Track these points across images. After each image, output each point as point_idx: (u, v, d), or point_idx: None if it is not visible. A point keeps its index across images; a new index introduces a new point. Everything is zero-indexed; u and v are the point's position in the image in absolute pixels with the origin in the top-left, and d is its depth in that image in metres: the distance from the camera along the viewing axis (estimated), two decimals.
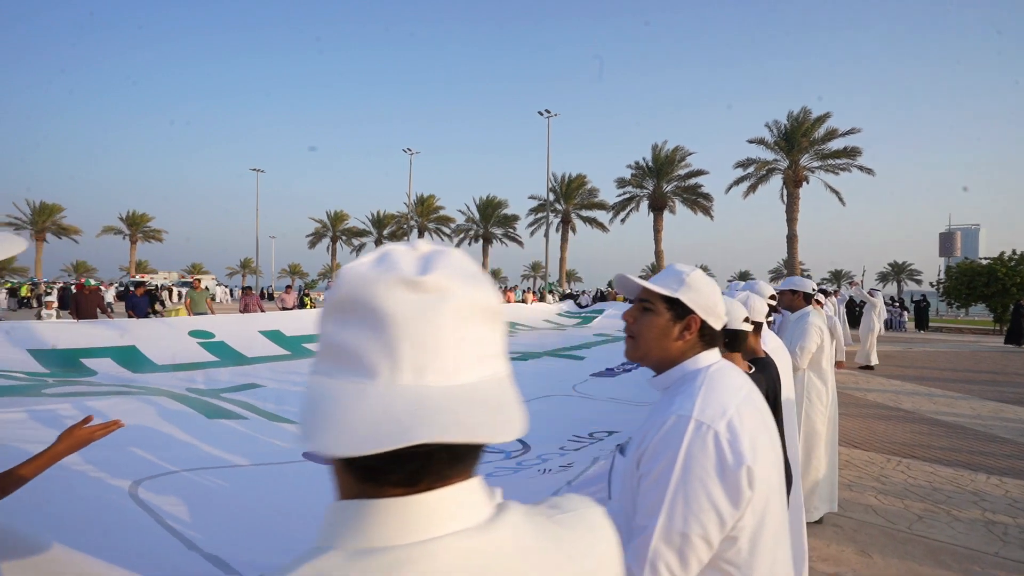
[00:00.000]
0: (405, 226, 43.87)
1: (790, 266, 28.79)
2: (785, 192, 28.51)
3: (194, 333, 8.64)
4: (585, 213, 38.23)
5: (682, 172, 33.01)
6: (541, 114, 31.01)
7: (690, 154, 32.93)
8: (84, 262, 63.48)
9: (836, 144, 27.11)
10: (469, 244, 43.70)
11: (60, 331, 7.47)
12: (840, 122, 32.42)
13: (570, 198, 37.66)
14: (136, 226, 48.29)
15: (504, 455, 3.82)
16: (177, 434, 3.53)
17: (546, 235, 32.62)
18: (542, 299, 21.65)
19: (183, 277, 42.17)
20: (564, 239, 38.02)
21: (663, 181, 33.15)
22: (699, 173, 32.67)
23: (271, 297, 30.74)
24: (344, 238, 52.35)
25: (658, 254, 33.77)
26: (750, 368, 2.03)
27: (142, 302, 8.85)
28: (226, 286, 45.50)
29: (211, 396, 5.28)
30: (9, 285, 27.32)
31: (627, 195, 34.82)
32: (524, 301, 19.10)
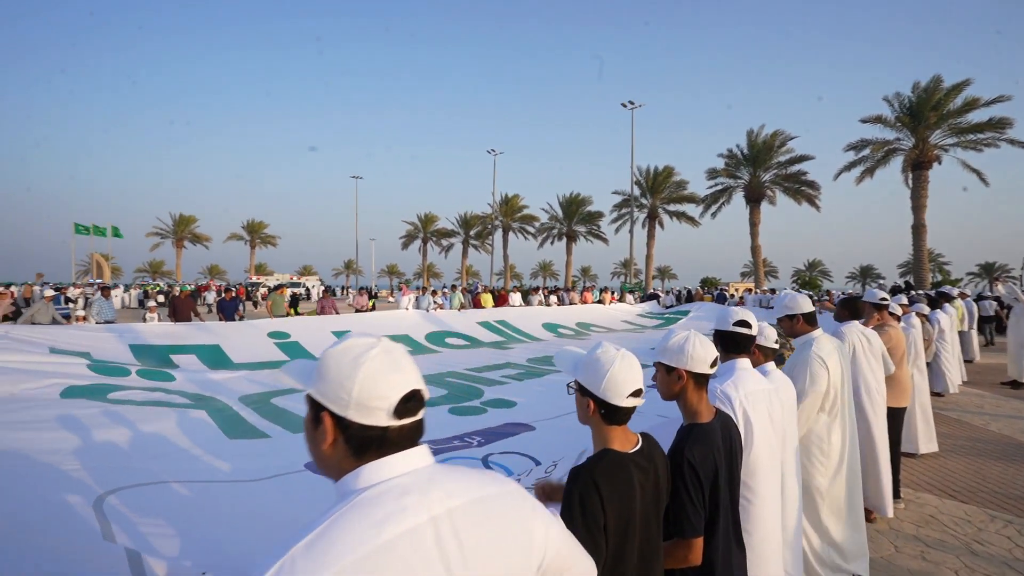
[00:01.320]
0: (490, 226, 44.54)
1: (918, 260, 25.06)
2: (910, 176, 24.87)
3: (272, 334, 9.24)
4: (673, 207, 36.30)
5: (782, 159, 30.09)
6: (624, 106, 29.90)
7: (791, 138, 29.97)
8: (216, 265, 72.15)
9: (977, 115, 23.08)
10: (552, 243, 43.40)
11: (157, 331, 8.33)
12: (981, 90, 27.61)
13: (657, 192, 35.93)
14: (255, 233, 53.95)
15: (538, 465, 3.53)
16: (191, 449, 3.63)
17: (631, 231, 31.43)
18: (621, 299, 20.76)
19: (293, 278, 46.30)
20: (651, 235, 36.39)
21: (760, 170, 30.46)
22: (802, 159, 29.60)
23: (376, 296, 32.85)
24: (434, 239, 54.41)
25: (755, 250, 31.11)
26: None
27: (230, 306, 9.64)
28: (328, 286, 49.12)
29: (260, 402, 5.52)
30: (147, 288, 31.61)
31: (719, 186, 32.50)
32: (602, 302, 18.39)
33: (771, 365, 2.57)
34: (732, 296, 26.47)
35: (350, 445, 0.84)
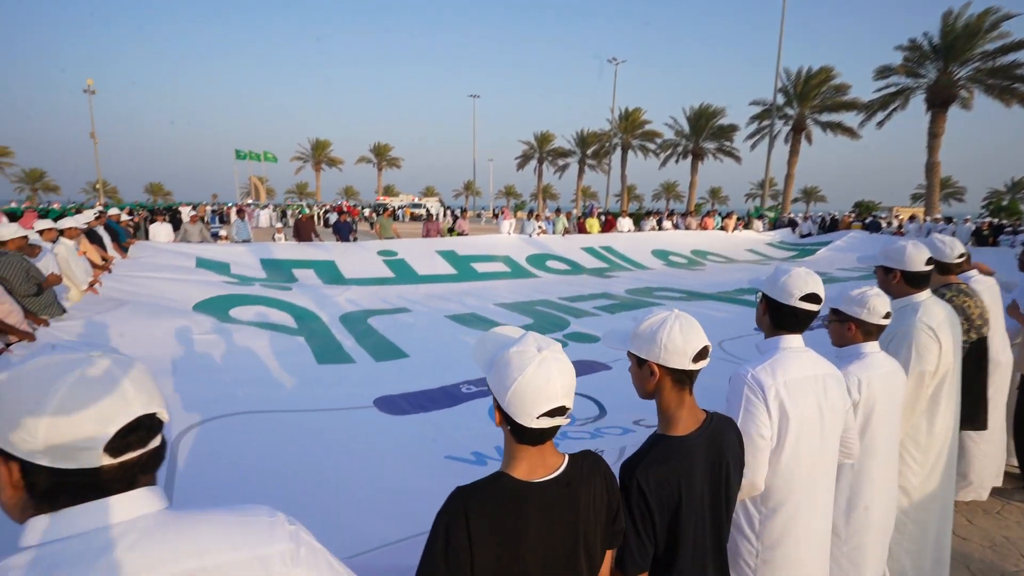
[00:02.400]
0: (607, 144, 42.06)
1: None
2: None
3: (381, 252, 9.79)
4: (825, 117, 30.87)
5: (990, 47, 23.49)
6: None
7: (1008, 18, 23.04)
8: (351, 187, 78.42)
9: None
10: (677, 161, 39.95)
11: (283, 249, 9.21)
12: None
13: (806, 99, 30.65)
14: (381, 155, 57.06)
15: (572, 420, 3.30)
16: (280, 374, 3.91)
17: (769, 146, 27.53)
18: (748, 226, 18.59)
19: (415, 199, 48.77)
20: (794, 151, 31.63)
21: (954, 63, 24.23)
22: (1020, 46, 22.82)
23: (496, 216, 33.17)
24: (550, 159, 53.11)
25: (932, 167, 25.64)
26: None
27: (345, 227, 10.28)
28: (450, 208, 51.08)
29: (357, 321, 5.90)
30: (284, 208, 35.29)
31: (892, 88, 26.66)
32: (724, 228, 16.63)
33: (872, 346, 1.94)
34: (888, 225, 22.40)
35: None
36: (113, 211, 8.67)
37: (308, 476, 2.49)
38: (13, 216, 11.52)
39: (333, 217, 27.45)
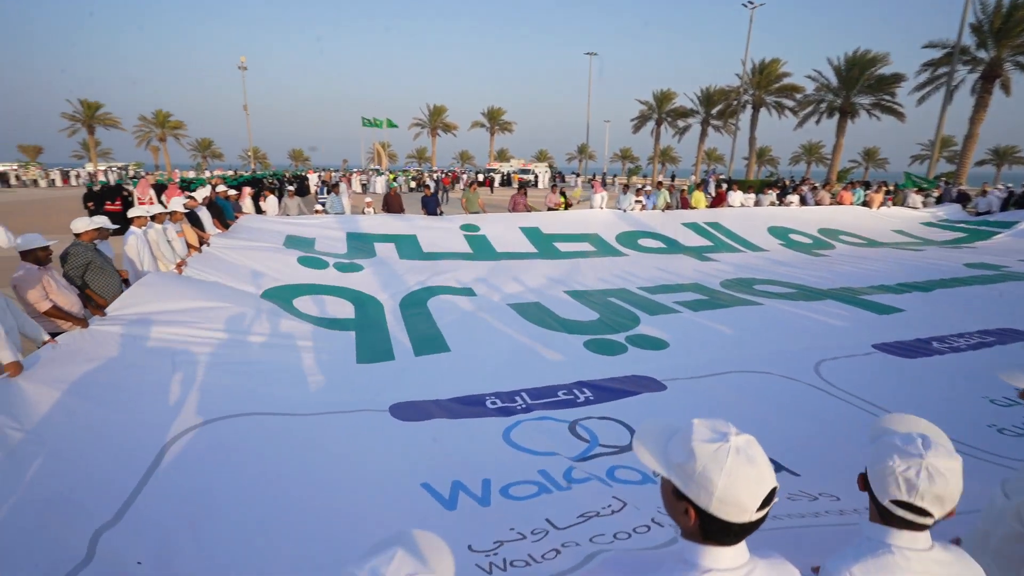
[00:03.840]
0: (735, 102, 37.78)
1: None
2: None
3: (464, 227, 9.72)
4: None
5: None
6: None
7: None
8: (466, 151, 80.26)
9: None
10: (818, 121, 34.73)
11: (370, 222, 9.49)
12: None
13: (1007, 36, 24.45)
14: (494, 119, 57.23)
15: (593, 446, 2.86)
16: (309, 375, 3.93)
17: (946, 98, 22.58)
18: (898, 201, 15.47)
19: (524, 164, 48.42)
20: (981, 105, 25.70)
21: None
22: None
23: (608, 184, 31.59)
24: (669, 119, 49.32)
25: None
26: None
27: (432, 201, 10.31)
28: (559, 172, 50.07)
29: (416, 304, 5.87)
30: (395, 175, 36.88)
31: None
32: (867, 204, 14.00)
33: None
34: None
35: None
36: (220, 188, 9.58)
37: (271, 487, 2.42)
38: (161, 187, 13.40)
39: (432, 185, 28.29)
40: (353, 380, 3.95)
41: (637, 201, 11.89)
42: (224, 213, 8.01)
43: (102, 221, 4.33)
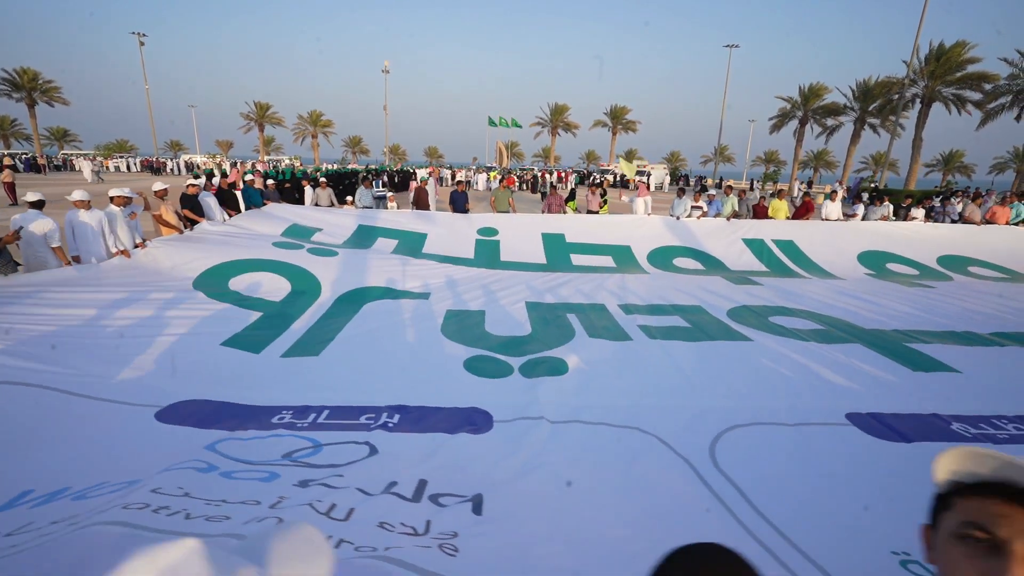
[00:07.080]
0: (896, 95, 31.73)
1: None
2: None
3: (482, 230, 9.29)
4: None
5: None
6: None
7: None
8: (593, 151, 78.83)
9: None
10: (1018, 117, 27.72)
11: (386, 217, 9.50)
12: None
13: None
14: (617, 119, 55.20)
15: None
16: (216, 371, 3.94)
17: None
18: None
19: (642, 167, 45.98)
20: None
21: None
22: None
23: (714, 186, 28.25)
24: (816, 117, 43.31)
25: None
26: None
27: (461, 198, 10.01)
28: (684, 175, 46.73)
29: (350, 303, 5.69)
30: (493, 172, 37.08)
31: None
32: (966, 219, 10.56)
33: None
34: None
35: None
36: (248, 177, 10.31)
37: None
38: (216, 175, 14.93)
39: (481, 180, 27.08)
40: (275, 376, 3.90)
41: (696, 207, 10.37)
42: (253, 200, 8.63)
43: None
